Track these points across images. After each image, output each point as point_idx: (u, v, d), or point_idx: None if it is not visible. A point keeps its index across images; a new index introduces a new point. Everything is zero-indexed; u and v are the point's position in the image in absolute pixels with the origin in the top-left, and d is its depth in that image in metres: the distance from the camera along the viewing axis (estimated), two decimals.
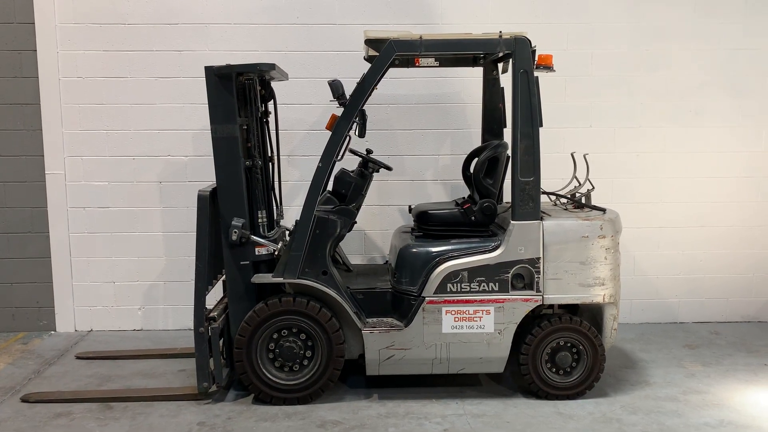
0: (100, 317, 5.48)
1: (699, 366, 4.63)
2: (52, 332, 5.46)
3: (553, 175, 4.92)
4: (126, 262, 5.44)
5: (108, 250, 5.42)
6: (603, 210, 4.21)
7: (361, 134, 3.98)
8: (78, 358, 4.86)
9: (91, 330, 5.50)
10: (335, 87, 3.87)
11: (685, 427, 3.70)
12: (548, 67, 3.99)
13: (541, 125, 3.93)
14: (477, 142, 5.34)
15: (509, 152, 4.22)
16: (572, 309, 4.21)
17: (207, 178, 5.34)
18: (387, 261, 4.91)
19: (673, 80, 5.41)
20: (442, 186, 5.46)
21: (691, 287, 5.62)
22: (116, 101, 5.28)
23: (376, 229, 5.48)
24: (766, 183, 5.53)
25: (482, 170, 4.17)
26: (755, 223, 5.56)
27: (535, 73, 3.91)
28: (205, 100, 5.22)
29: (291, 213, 5.27)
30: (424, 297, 3.97)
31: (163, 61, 5.26)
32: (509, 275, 3.96)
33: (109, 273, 5.44)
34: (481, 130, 4.86)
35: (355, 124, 3.94)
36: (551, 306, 4.11)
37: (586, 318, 4.19)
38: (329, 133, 3.95)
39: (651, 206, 5.51)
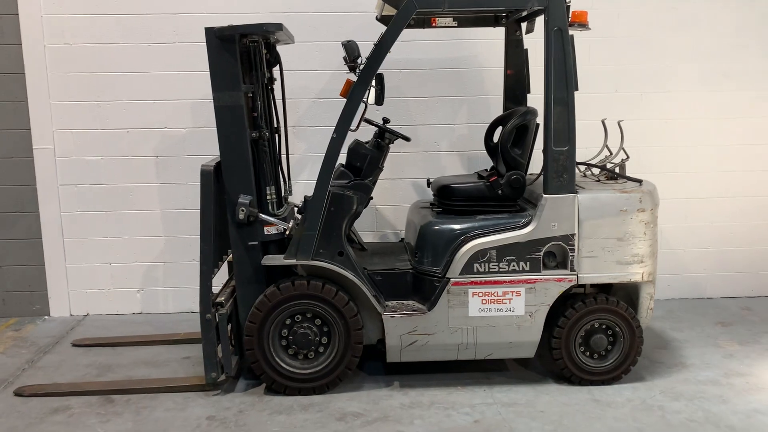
0: (96, 301, 5.17)
1: (736, 345, 4.37)
2: (46, 317, 5.14)
3: (578, 144, 4.57)
4: (122, 242, 5.10)
5: (103, 230, 5.08)
6: (639, 181, 3.90)
7: (379, 101, 3.62)
8: (74, 345, 4.56)
9: (88, 314, 5.19)
10: (351, 48, 3.51)
11: (733, 415, 3.44)
12: (583, 25, 3.64)
13: (577, 89, 3.59)
14: (495, 109, 5.00)
15: (538, 120, 3.89)
16: (605, 288, 3.92)
17: (208, 151, 4.99)
18: (402, 239, 4.60)
19: (701, 41, 5.06)
20: (458, 157, 5.12)
21: (720, 261, 5.34)
22: (107, 69, 4.89)
23: (389, 204, 5.15)
24: None
25: (509, 140, 3.83)
26: None
27: (570, 32, 3.55)
28: (204, 67, 4.84)
29: (297, 188, 4.93)
30: (449, 278, 3.66)
31: (157, 24, 4.86)
32: (541, 254, 3.66)
33: (105, 254, 5.11)
34: (503, 96, 4.51)
35: (372, 89, 3.58)
36: (582, 286, 3.82)
37: (620, 297, 3.91)
38: (337, 102, 3.59)
39: (679, 176, 5.19)
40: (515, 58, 4.40)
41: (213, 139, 4.95)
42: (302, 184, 5.02)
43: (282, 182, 4.16)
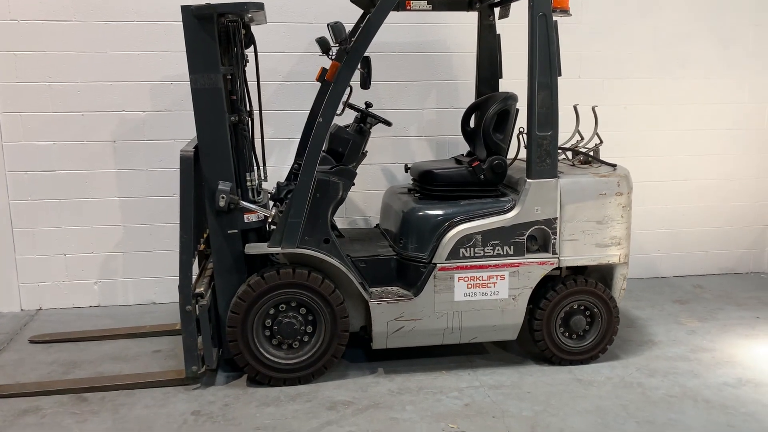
0: (50, 294, 4.89)
1: (696, 322, 4.58)
2: None
3: None
4: (78, 231, 4.83)
5: (56, 219, 4.80)
6: (613, 165, 4.00)
7: (366, 85, 3.56)
8: (32, 342, 4.30)
9: (41, 308, 4.90)
10: (338, 30, 3.41)
11: (706, 388, 3.61)
12: (565, 11, 3.68)
13: (560, 74, 3.63)
14: (464, 94, 5.02)
15: (518, 105, 3.93)
16: (579, 270, 4.02)
17: (169, 136, 4.79)
18: (377, 225, 4.56)
19: (661, 29, 5.23)
20: (427, 142, 5.12)
21: (672, 241, 5.58)
22: (60, 48, 4.59)
23: (357, 189, 5.05)
24: (746, 135, 5.50)
25: (491, 124, 3.85)
26: (735, 175, 5.55)
27: (554, 17, 3.59)
28: (166, 48, 4.70)
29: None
30: (436, 264, 3.66)
31: (115, 2, 4.59)
32: (525, 237, 3.71)
33: (59, 244, 4.83)
34: (475, 81, 4.52)
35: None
36: (559, 268, 3.90)
37: (594, 279, 4.01)
38: (305, 85, 3.49)
39: (636, 160, 5.37)
40: (488, 43, 4.42)
41: (174, 123, 4.77)
42: (270, 169, 4.89)
43: (257, 168, 4.04)
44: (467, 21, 4.85)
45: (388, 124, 3.93)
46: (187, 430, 3.22)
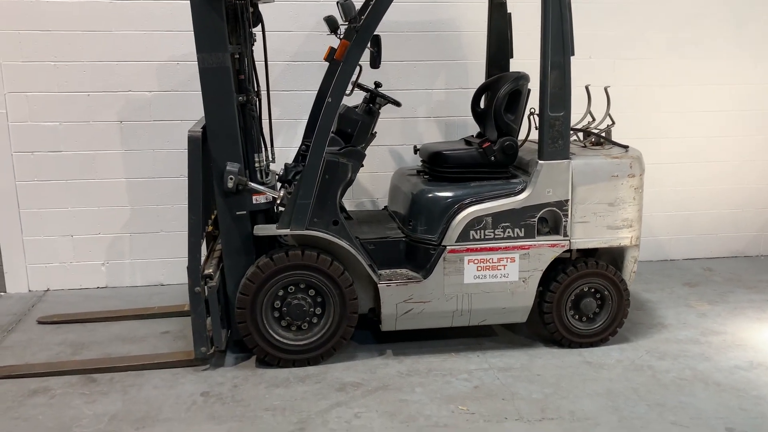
0: (57, 275, 4.88)
1: (706, 305, 4.55)
2: (2, 294, 4.83)
3: None
4: (85, 213, 4.81)
5: (63, 200, 4.77)
6: (625, 147, 3.95)
7: (375, 64, 3.50)
8: (40, 322, 4.30)
9: (48, 290, 4.90)
10: (347, 8, 3.35)
11: (717, 371, 3.59)
12: None
13: (573, 54, 3.57)
14: (474, 74, 4.96)
15: (530, 85, 3.87)
16: (589, 252, 3.99)
17: (175, 116, 4.74)
18: (386, 207, 4.52)
19: (675, 7, 5.14)
20: (436, 123, 5.06)
21: (682, 224, 5.53)
22: (65, 27, 4.53)
23: (365, 171, 4.98)
24: (759, 116, 5.42)
25: (503, 105, 3.80)
26: (746, 157, 5.48)
27: None
28: (172, 27, 4.64)
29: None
30: (445, 246, 3.63)
31: None
32: (536, 220, 3.67)
33: (66, 225, 4.81)
34: (485, 61, 4.46)
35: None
36: (569, 251, 3.86)
37: (605, 261, 3.98)
38: (312, 65, 3.44)
39: (648, 142, 5.29)
40: (499, 21, 4.35)
41: (181, 104, 4.73)
42: (277, 151, 4.84)
43: (264, 149, 4.00)
44: (477, 0, 4.77)
45: (397, 104, 3.88)
46: (196, 411, 3.22)
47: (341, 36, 3.72)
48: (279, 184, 3.91)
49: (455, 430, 3.05)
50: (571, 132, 4.12)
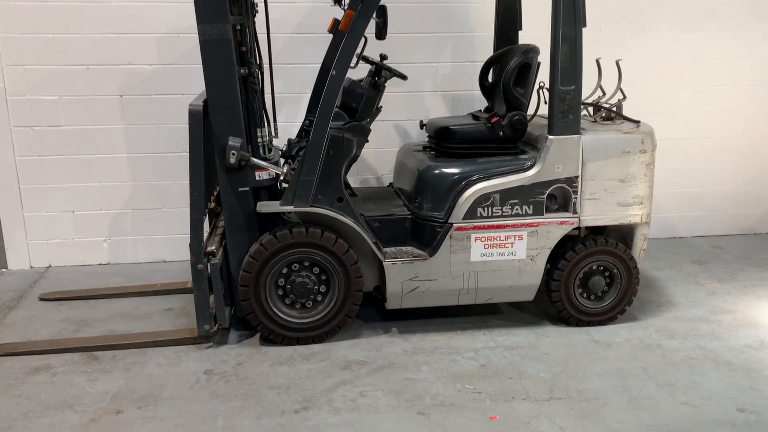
0: (58, 251, 4.83)
1: (716, 283, 4.49)
2: (4, 270, 4.79)
3: None
4: (86, 188, 4.75)
5: (64, 176, 4.71)
6: (637, 122, 3.86)
7: (381, 35, 3.41)
8: (42, 299, 4.26)
9: (50, 266, 4.85)
10: None
11: (728, 351, 3.53)
12: None
13: (585, 25, 3.47)
14: (481, 47, 4.84)
15: (540, 58, 3.77)
16: (598, 230, 3.92)
17: (176, 90, 4.65)
18: (391, 183, 4.45)
19: None
20: (442, 98, 4.96)
21: (692, 201, 5.44)
22: None
23: (369, 147, 4.89)
24: None
25: (512, 78, 3.70)
26: (759, 134, 5.37)
27: None
28: None
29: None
30: (452, 223, 3.56)
31: None
32: (545, 196, 3.59)
33: (67, 202, 4.75)
34: (494, 33, 4.35)
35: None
36: (578, 228, 3.79)
37: (614, 238, 3.91)
38: (316, 37, 3.34)
39: (658, 117, 5.12)
40: None
41: (182, 77, 4.63)
42: (280, 126, 4.76)
43: (267, 124, 3.92)
44: None
45: (403, 77, 3.78)
46: (199, 389, 3.19)
47: (345, 7, 3.61)
48: (282, 160, 3.83)
49: (462, 410, 3.01)
50: (582, 107, 4.05)
